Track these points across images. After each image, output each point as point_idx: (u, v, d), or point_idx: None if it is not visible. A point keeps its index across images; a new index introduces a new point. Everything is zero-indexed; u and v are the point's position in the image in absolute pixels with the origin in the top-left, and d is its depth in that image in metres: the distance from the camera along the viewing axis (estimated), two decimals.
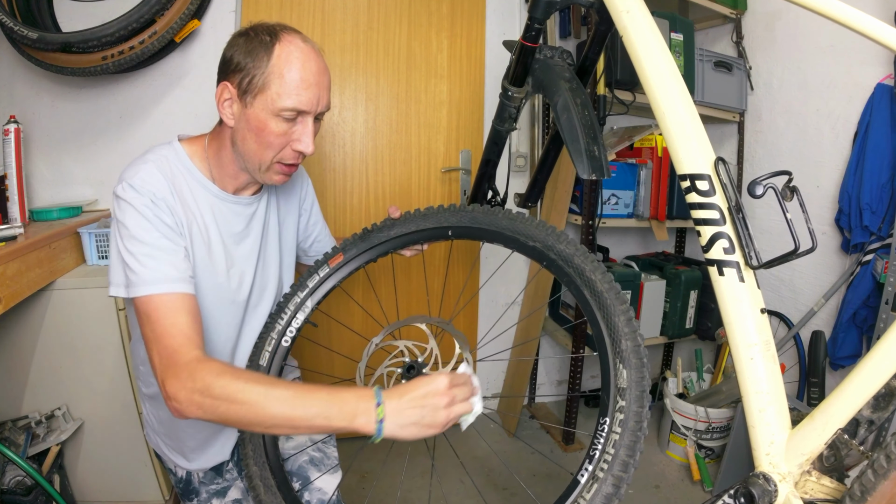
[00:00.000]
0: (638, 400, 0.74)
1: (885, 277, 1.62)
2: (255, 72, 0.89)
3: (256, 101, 0.90)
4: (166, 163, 0.97)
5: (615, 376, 0.78)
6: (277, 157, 0.95)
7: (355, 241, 1.14)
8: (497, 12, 2.24)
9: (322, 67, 0.93)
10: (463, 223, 1.05)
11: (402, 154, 2.16)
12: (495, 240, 1.01)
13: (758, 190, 0.71)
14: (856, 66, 1.82)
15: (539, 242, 0.94)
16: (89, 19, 1.61)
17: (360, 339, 1.21)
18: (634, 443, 0.72)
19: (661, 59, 0.81)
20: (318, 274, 1.11)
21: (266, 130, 0.92)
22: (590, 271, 0.87)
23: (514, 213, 1.00)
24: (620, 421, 0.74)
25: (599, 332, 0.83)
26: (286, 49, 0.90)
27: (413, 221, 1.12)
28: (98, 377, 1.49)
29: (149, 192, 0.91)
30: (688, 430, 2.05)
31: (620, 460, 0.71)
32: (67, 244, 1.52)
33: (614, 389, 0.77)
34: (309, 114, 0.93)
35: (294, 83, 0.89)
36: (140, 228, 0.88)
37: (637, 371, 0.77)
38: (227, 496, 1.15)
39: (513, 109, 1.11)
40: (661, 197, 2.17)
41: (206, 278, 1.00)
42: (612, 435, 0.73)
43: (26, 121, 1.69)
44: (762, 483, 0.70)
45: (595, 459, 0.73)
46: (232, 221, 1.05)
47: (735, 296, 0.74)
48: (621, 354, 0.79)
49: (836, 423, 0.67)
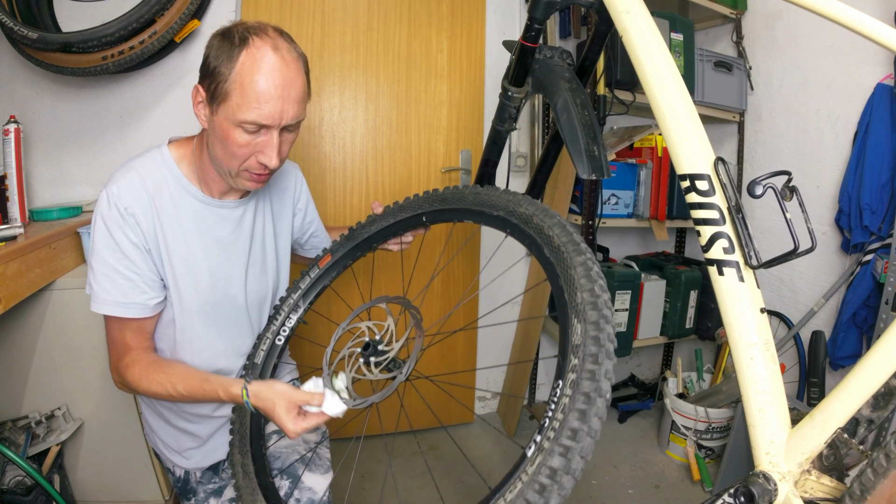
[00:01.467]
0: (592, 358, 0.62)
1: (885, 277, 1.62)
2: (219, 79, 0.87)
3: (220, 109, 0.89)
4: (151, 170, 0.99)
5: (570, 333, 0.68)
6: (244, 167, 0.95)
7: (343, 241, 1.18)
8: (497, 12, 2.24)
9: (289, 79, 0.89)
10: (434, 207, 1.06)
11: (402, 154, 2.16)
12: (464, 217, 1.00)
13: (757, 190, 0.71)
14: (856, 66, 1.82)
15: (502, 210, 0.91)
16: (89, 19, 1.61)
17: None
18: (588, 407, 0.60)
19: (661, 60, 0.81)
20: (310, 275, 1.17)
21: (229, 140, 0.90)
22: (548, 227, 0.81)
23: (480, 188, 1.00)
24: (572, 381, 0.62)
25: (559, 290, 0.74)
26: (251, 58, 0.86)
27: (391, 214, 1.15)
28: (98, 377, 1.49)
29: (120, 206, 0.94)
30: (688, 430, 2.05)
31: (569, 428, 0.59)
32: (67, 244, 1.52)
33: (568, 347, 0.67)
34: (272, 126, 0.90)
35: (253, 96, 0.86)
36: (104, 247, 0.95)
37: (593, 326, 0.65)
38: (224, 495, 1.16)
39: (513, 109, 1.11)
40: (661, 197, 2.17)
41: (189, 285, 1.03)
42: (562, 398, 0.62)
43: (26, 121, 1.69)
44: (762, 482, 0.70)
45: (545, 428, 0.62)
46: (217, 227, 1.06)
47: (735, 295, 0.74)
48: (576, 308, 0.68)
49: (836, 422, 0.67)
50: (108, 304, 0.96)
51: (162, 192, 0.99)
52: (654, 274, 2.27)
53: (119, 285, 0.96)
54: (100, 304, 0.96)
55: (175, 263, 1.01)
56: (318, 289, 1.16)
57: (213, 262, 1.05)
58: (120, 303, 0.96)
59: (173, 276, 1.01)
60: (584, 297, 0.69)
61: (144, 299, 0.97)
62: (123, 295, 0.96)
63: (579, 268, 0.72)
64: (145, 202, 0.97)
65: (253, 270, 1.12)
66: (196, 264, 1.03)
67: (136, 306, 0.97)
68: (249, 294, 1.12)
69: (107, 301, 0.96)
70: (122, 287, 0.96)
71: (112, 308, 0.96)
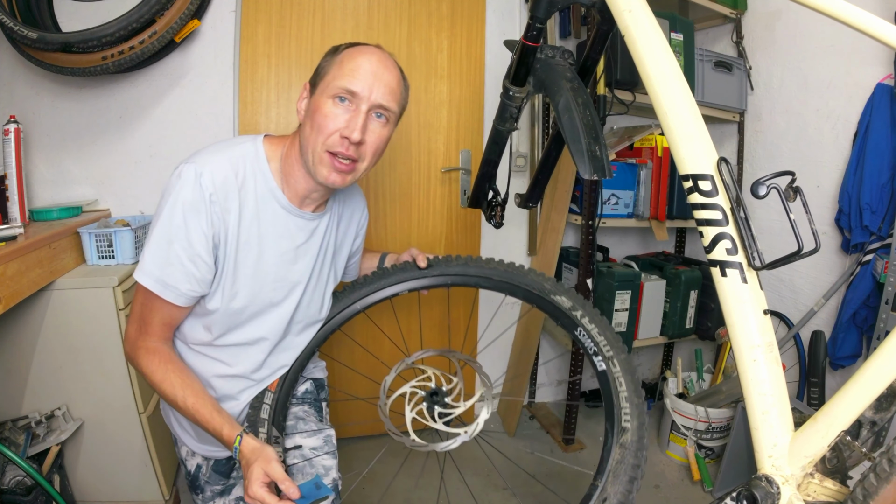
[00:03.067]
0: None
1: (885, 277, 1.62)
2: (323, 70, 0.98)
3: (317, 88, 0.98)
4: (243, 162, 0.99)
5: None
6: (327, 144, 0.95)
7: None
8: (497, 12, 2.23)
9: (384, 66, 0.97)
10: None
11: (402, 154, 2.15)
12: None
13: (761, 190, 0.71)
14: (856, 66, 1.82)
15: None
16: (89, 19, 1.60)
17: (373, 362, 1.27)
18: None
19: (664, 59, 0.81)
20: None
21: (319, 112, 0.95)
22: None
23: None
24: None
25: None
26: (355, 49, 0.98)
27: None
28: (98, 377, 1.49)
29: (206, 190, 0.93)
30: (688, 430, 2.05)
31: None
32: (67, 244, 1.52)
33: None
34: (361, 99, 0.95)
35: (349, 68, 0.95)
36: (172, 225, 0.93)
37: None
38: (232, 494, 1.16)
39: (514, 109, 1.11)
40: (661, 197, 2.17)
41: (248, 286, 1.02)
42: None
43: (26, 121, 1.68)
44: (765, 485, 0.70)
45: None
46: (294, 235, 1.06)
47: (738, 297, 0.74)
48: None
49: (840, 425, 0.67)
50: (153, 278, 0.94)
51: (248, 187, 0.99)
52: (654, 274, 2.27)
53: (172, 266, 0.94)
54: (143, 276, 0.94)
55: (240, 262, 1.00)
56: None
57: (280, 269, 1.05)
58: (163, 282, 0.94)
59: (234, 274, 1.00)
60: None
61: (187, 288, 0.96)
62: (170, 276, 0.94)
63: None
64: (232, 193, 0.96)
65: (311, 284, 1.12)
66: (264, 268, 1.03)
67: (176, 292, 0.95)
68: (301, 307, 1.11)
69: (152, 275, 0.94)
70: (174, 270, 0.94)
71: (154, 284, 0.94)
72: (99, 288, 1.44)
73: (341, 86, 0.94)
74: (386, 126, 1.01)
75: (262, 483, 0.88)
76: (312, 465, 1.10)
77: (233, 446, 0.93)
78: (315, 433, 1.16)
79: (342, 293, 1.21)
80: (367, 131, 0.96)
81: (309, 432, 1.15)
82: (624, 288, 2.11)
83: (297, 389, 1.24)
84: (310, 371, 1.29)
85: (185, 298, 0.97)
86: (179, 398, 0.96)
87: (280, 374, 1.14)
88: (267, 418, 1.07)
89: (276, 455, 0.92)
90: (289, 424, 1.16)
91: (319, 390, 1.28)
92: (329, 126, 0.94)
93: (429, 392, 1.01)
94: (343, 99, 0.95)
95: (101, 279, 1.45)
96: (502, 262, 1.20)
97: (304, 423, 1.17)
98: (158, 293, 0.94)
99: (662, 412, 2.24)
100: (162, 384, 0.96)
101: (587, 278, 2.06)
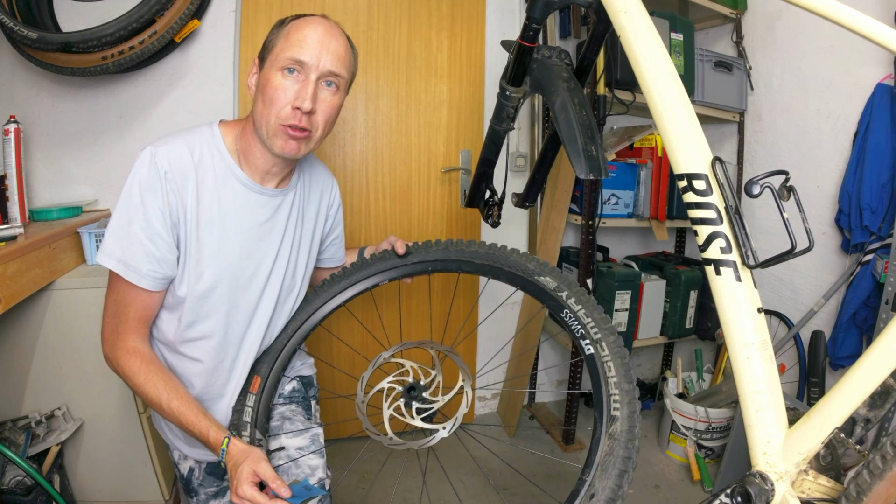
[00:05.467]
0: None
1: (885, 277, 1.62)
2: (270, 43, 0.98)
3: (266, 62, 0.98)
4: (199, 143, 1.00)
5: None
6: (280, 117, 0.96)
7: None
8: (497, 12, 2.24)
9: (330, 34, 0.97)
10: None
11: (402, 154, 2.16)
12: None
13: (755, 189, 0.71)
14: (856, 66, 1.82)
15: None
16: (89, 19, 1.61)
17: (357, 357, 1.24)
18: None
19: (659, 60, 0.81)
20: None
21: (269, 85, 0.95)
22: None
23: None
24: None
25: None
26: (301, 20, 0.98)
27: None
28: (98, 377, 1.49)
29: (161, 168, 0.94)
30: (688, 430, 2.05)
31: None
32: (67, 244, 1.52)
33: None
34: (310, 68, 0.95)
35: (295, 39, 0.95)
36: (130, 204, 0.94)
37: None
38: (227, 496, 1.16)
39: (511, 109, 1.11)
40: (661, 197, 2.17)
41: (213, 265, 1.01)
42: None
43: (26, 121, 1.69)
44: (759, 482, 0.70)
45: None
46: (256, 212, 1.06)
47: (732, 295, 0.74)
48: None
49: (834, 422, 0.67)
50: (115, 258, 0.94)
51: (206, 166, 0.99)
52: (654, 274, 2.27)
53: (133, 247, 0.94)
54: (105, 257, 0.94)
55: (204, 241, 0.99)
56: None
57: (245, 246, 1.04)
58: (125, 263, 0.94)
59: (198, 254, 0.99)
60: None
61: (148, 269, 0.95)
62: (131, 257, 0.94)
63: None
64: (188, 171, 0.96)
65: (280, 263, 1.11)
66: (228, 245, 1.02)
67: (139, 273, 0.94)
68: (270, 286, 1.10)
69: (114, 255, 0.94)
70: (135, 250, 0.94)
71: (116, 265, 0.94)
72: (99, 288, 1.44)
73: (289, 56, 0.94)
74: (336, 94, 1.01)
75: (252, 483, 0.87)
76: (298, 465, 1.09)
77: (220, 449, 0.93)
78: (301, 433, 1.15)
79: (320, 287, 1.18)
80: (318, 100, 0.97)
81: (295, 432, 1.14)
82: (624, 288, 2.11)
83: (283, 389, 1.23)
84: (297, 369, 1.28)
85: (150, 280, 0.95)
86: (164, 401, 0.95)
87: (263, 358, 1.12)
88: (249, 421, 1.05)
89: (265, 455, 0.92)
90: (275, 425, 1.15)
91: (308, 388, 1.27)
92: (280, 99, 0.95)
93: (406, 387, 0.98)
94: (292, 70, 0.95)
95: (101, 279, 1.45)
96: (484, 244, 1.15)
97: (290, 423, 1.16)
98: (122, 274, 0.94)
99: (662, 412, 2.24)
100: (145, 386, 0.95)
101: (587, 278, 2.06)
